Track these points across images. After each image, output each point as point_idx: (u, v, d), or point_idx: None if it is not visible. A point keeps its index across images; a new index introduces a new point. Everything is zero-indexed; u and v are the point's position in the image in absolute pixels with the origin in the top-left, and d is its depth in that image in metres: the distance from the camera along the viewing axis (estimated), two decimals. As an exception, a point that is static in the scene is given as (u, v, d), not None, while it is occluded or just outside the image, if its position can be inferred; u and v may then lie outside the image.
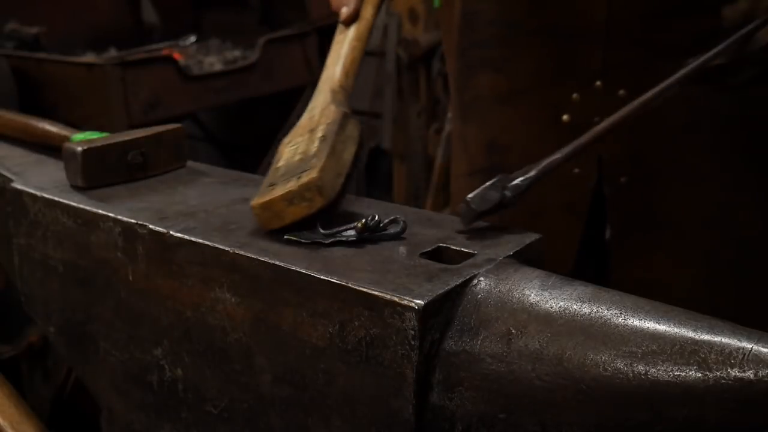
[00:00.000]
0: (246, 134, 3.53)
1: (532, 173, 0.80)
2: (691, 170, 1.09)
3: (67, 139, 0.98)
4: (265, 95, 2.74)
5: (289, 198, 0.74)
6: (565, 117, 1.09)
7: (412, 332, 0.62)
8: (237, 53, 2.75)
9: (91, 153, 0.90)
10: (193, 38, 2.95)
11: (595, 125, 0.98)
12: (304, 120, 0.87)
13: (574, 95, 1.09)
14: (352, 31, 0.95)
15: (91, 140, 0.94)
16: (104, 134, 0.97)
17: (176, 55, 2.63)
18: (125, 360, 0.85)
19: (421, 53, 2.86)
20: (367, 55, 0.96)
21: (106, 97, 2.32)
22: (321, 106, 0.87)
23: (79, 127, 1.06)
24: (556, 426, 0.60)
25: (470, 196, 0.77)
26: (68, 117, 2.23)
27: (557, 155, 0.82)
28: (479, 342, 0.63)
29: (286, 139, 0.87)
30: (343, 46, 0.94)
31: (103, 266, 0.84)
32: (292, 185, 0.74)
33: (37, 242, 0.90)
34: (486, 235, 0.76)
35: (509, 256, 0.71)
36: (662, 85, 0.86)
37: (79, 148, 0.90)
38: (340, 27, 0.96)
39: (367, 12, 0.97)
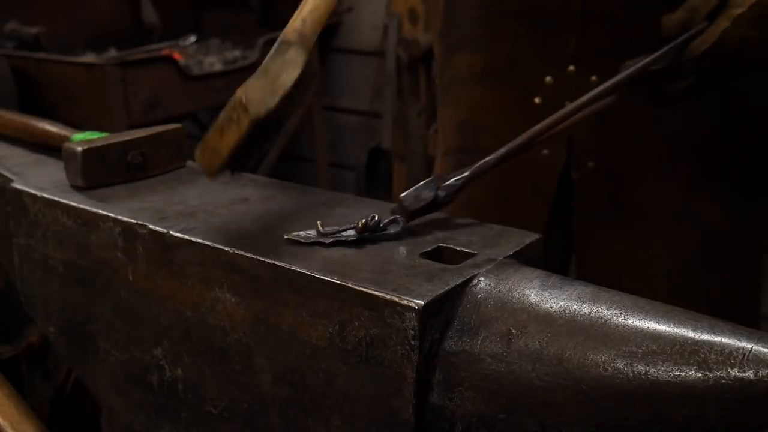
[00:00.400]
0: (246, 134, 3.52)
1: (466, 173, 0.80)
2: (657, 159, 1.10)
3: (67, 139, 0.98)
4: (265, 95, 2.74)
5: (219, 127, 0.71)
6: (537, 99, 1.11)
7: (412, 332, 0.62)
8: (237, 53, 2.75)
9: (91, 153, 0.90)
10: (193, 38, 2.96)
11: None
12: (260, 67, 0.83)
13: (547, 78, 1.11)
14: None
15: (91, 140, 0.94)
16: (104, 134, 0.97)
17: (176, 55, 2.64)
18: (125, 360, 0.85)
19: (421, 53, 2.87)
20: (367, 55, 0.95)
21: (106, 97, 2.32)
22: (281, 36, 0.83)
23: (79, 127, 1.06)
24: (556, 426, 0.60)
25: (403, 195, 0.77)
26: (68, 117, 2.23)
27: (492, 157, 0.82)
28: (479, 342, 0.63)
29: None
30: (304, 3, 0.88)
31: (103, 266, 0.84)
32: (221, 114, 0.71)
33: (37, 242, 0.90)
34: (486, 235, 0.76)
35: (509, 256, 0.71)
36: (599, 89, 0.87)
37: (79, 148, 0.90)
38: None
39: None
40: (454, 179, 0.79)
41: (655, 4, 1.02)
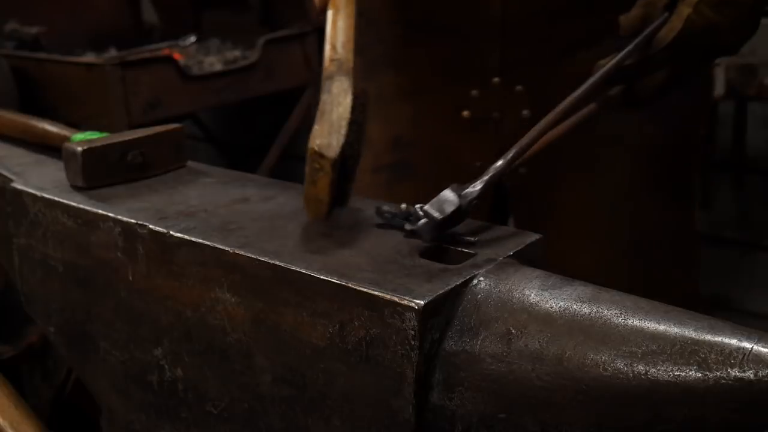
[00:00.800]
0: (246, 134, 3.53)
1: (478, 186, 0.77)
2: (590, 157, 1.12)
3: (67, 139, 0.98)
4: (265, 95, 2.75)
5: (310, 180, 0.75)
6: (465, 113, 1.12)
7: (412, 332, 0.62)
8: (237, 53, 2.75)
9: (91, 153, 0.90)
10: (193, 38, 2.95)
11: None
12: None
13: (474, 92, 1.12)
14: (330, 10, 0.92)
15: (91, 140, 0.94)
16: (104, 134, 0.97)
17: (176, 55, 2.63)
18: (125, 360, 0.85)
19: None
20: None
21: (106, 97, 2.32)
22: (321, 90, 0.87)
23: (79, 127, 1.06)
24: (556, 426, 0.60)
25: (427, 206, 0.73)
26: (68, 117, 2.23)
27: (501, 162, 0.80)
28: (479, 342, 0.63)
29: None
30: (327, 27, 0.91)
31: (103, 266, 0.84)
32: (306, 168, 0.76)
33: (37, 242, 0.90)
34: (486, 235, 0.76)
35: (509, 256, 0.71)
36: (576, 93, 0.87)
37: (79, 148, 0.90)
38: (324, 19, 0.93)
39: None
40: (471, 188, 0.76)
41: (573, 9, 1.04)
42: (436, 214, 0.72)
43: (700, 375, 0.55)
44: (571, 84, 1.06)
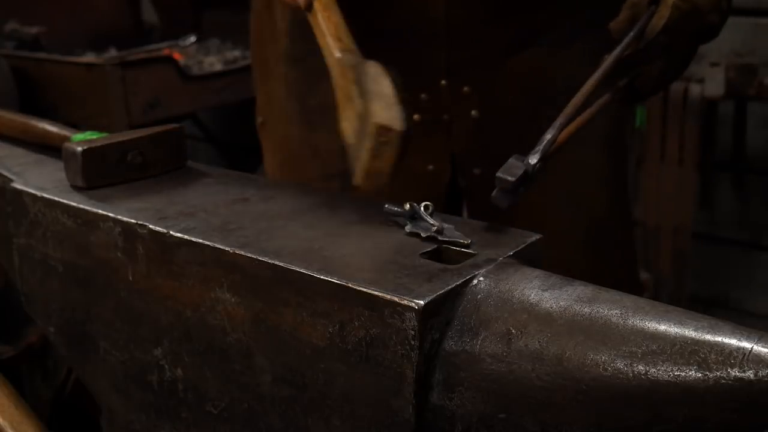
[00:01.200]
0: (246, 134, 3.52)
1: (537, 154, 0.82)
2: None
3: (67, 139, 0.98)
4: (265, 95, 2.74)
5: (373, 154, 0.77)
6: (415, 116, 1.12)
7: (412, 332, 0.62)
8: (237, 53, 2.74)
9: (91, 153, 0.90)
10: (193, 38, 2.95)
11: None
12: (338, 97, 0.89)
13: (422, 95, 1.12)
14: (318, 9, 0.93)
15: (91, 140, 0.94)
16: (104, 134, 0.97)
17: (176, 55, 2.63)
18: (125, 360, 0.85)
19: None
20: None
21: (106, 97, 2.32)
22: (340, 76, 0.89)
23: (79, 127, 1.06)
24: (556, 426, 0.60)
25: (498, 173, 0.80)
26: (68, 117, 2.23)
27: (550, 133, 0.85)
28: (479, 342, 0.63)
29: (342, 122, 0.88)
30: (321, 24, 0.93)
31: (103, 266, 0.84)
32: (368, 143, 0.77)
33: (37, 242, 0.90)
34: (486, 235, 0.76)
35: (509, 256, 0.71)
36: (586, 86, 0.90)
37: (79, 148, 0.90)
38: (308, 15, 0.95)
39: None
40: (530, 156, 0.82)
41: (515, 8, 1.06)
42: (510, 178, 0.79)
43: (700, 375, 0.55)
44: (515, 82, 1.09)
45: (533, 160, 0.81)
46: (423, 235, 0.75)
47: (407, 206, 0.79)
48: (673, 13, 0.92)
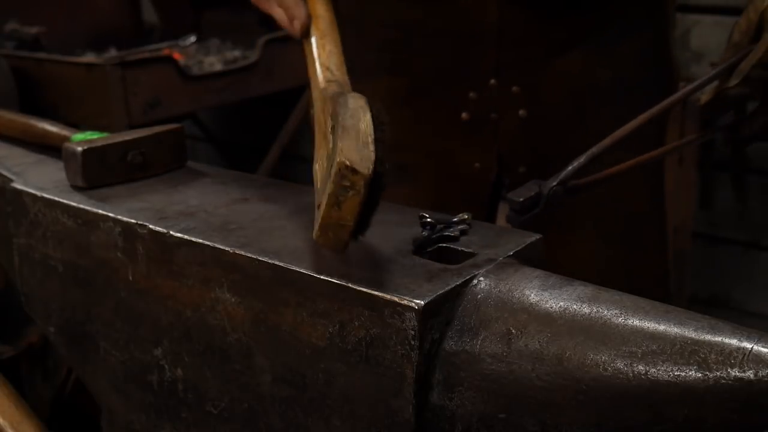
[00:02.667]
0: (246, 134, 3.53)
1: (558, 178, 0.83)
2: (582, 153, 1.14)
3: (67, 139, 0.98)
4: (265, 95, 2.74)
5: (334, 201, 0.65)
6: (464, 115, 1.13)
7: (412, 332, 0.62)
8: (237, 53, 2.74)
9: (91, 153, 0.90)
10: (193, 38, 2.95)
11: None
12: (316, 134, 0.82)
13: (471, 94, 1.13)
14: (314, 36, 0.88)
15: (91, 140, 0.94)
16: (104, 134, 0.97)
17: (176, 55, 2.63)
18: (125, 360, 0.85)
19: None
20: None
21: (106, 97, 2.32)
22: (320, 111, 0.81)
23: (79, 127, 1.06)
24: (556, 426, 0.60)
25: (510, 194, 0.80)
26: (68, 117, 2.23)
27: (578, 160, 0.85)
28: (479, 342, 0.63)
29: (314, 163, 0.80)
30: (314, 51, 0.87)
31: (103, 266, 0.84)
32: (329, 188, 0.66)
33: (37, 242, 0.90)
34: (486, 235, 0.76)
35: (509, 256, 0.71)
36: (640, 118, 0.89)
37: (79, 148, 0.90)
38: (303, 42, 0.89)
39: (319, 7, 0.89)
40: (552, 179, 0.82)
41: (565, 8, 1.06)
42: (517, 198, 0.79)
43: (700, 375, 0.55)
44: (562, 82, 1.09)
45: (551, 183, 0.81)
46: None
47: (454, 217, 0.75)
48: (766, 53, 0.86)
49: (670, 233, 1.32)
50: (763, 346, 0.54)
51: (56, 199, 0.87)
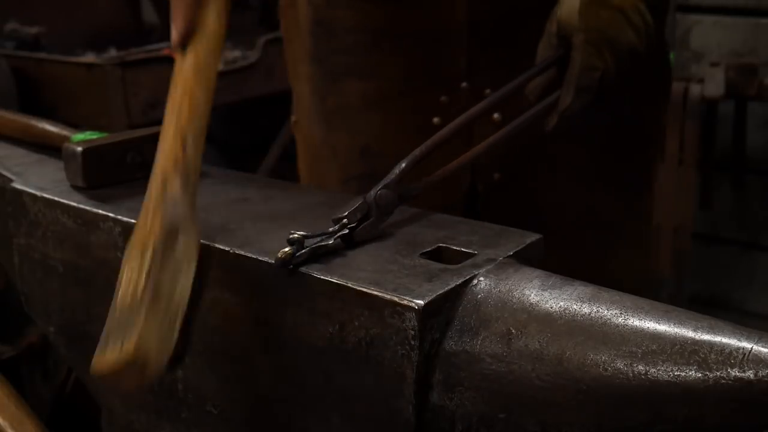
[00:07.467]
0: (246, 134, 3.53)
1: (403, 165, 0.80)
2: (557, 160, 1.14)
3: (67, 139, 0.98)
4: (265, 95, 2.74)
5: (118, 371, 0.63)
6: (435, 119, 1.10)
7: (412, 332, 0.62)
8: (237, 53, 2.74)
9: (91, 153, 0.90)
10: (193, 38, 2.94)
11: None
12: (140, 222, 0.69)
13: (443, 98, 1.11)
14: (188, 61, 0.75)
15: (91, 140, 0.94)
16: (104, 134, 0.97)
17: (176, 56, 2.63)
18: (125, 360, 0.85)
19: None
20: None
21: (106, 97, 2.32)
22: (154, 200, 0.68)
23: (79, 127, 1.06)
24: (556, 426, 0.60)
25: (368, 194, 0.75)
26: (68, 117, 2.23)
27: (402, 165, 0.82)
28: (479, 342, 0.63)
29: (126, 252, 0.69)
30: (177, 89, 0.72)
31: (103, 266, 0.84)
32: (116, 356, 0.63)
33: (37, 242, 0.90)
34: (486, 235, 0.76)
35: (509, 256, 0.71)
36: (463, 116, 0.89)
37: (79, 148, 0.90)
38: (177, 57, 0.75)
39: (210, 22, 0.72)
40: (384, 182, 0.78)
41: (537, 9, 1.05)
42: (342, 215, 0.73)
43: (700, 375, 0.55)
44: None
45: (376, 189, 0.76)
46: None
47: None
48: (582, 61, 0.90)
49: (671, 233, 1.32)
50: (763, 346, 0.54)
51: (56, 199, 0.87)
